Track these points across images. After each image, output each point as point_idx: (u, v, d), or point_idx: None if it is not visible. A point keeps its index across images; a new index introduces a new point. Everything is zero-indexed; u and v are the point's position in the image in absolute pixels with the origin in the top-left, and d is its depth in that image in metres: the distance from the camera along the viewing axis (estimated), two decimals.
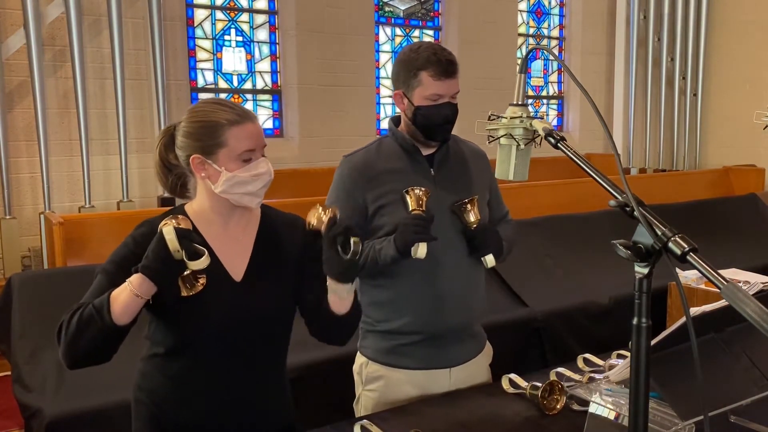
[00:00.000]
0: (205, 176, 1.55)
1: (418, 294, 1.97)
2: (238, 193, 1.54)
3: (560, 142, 1.32)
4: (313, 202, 2.07)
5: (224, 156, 1.52)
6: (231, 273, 1.60)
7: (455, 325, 2.01)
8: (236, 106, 1.58)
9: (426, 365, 2.00)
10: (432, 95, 1.91)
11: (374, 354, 2.04)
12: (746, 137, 7.17)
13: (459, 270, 2.00)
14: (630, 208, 1.08)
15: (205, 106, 1.58)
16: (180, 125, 1.58)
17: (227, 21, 6.01)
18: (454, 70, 1.92)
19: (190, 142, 1.54)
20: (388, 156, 2.00)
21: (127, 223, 1.79)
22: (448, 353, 2.02)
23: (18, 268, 4.69)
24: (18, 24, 4.79)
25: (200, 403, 1.60)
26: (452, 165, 2.05)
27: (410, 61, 1.92)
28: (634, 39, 7.72)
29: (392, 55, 6.95)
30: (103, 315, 1.42)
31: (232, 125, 1.53)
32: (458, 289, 2.00)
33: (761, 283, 3.36)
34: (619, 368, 1.85)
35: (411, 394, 2.00)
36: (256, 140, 1.56)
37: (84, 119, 4.95)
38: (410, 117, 1.96)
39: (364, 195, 1.97)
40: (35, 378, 2.82)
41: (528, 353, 3.71)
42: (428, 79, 1.90)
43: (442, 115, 1.93)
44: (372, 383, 2.04)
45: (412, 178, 1.96)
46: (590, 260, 4.36)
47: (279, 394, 1.72)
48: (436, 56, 1.90)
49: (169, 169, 1.63)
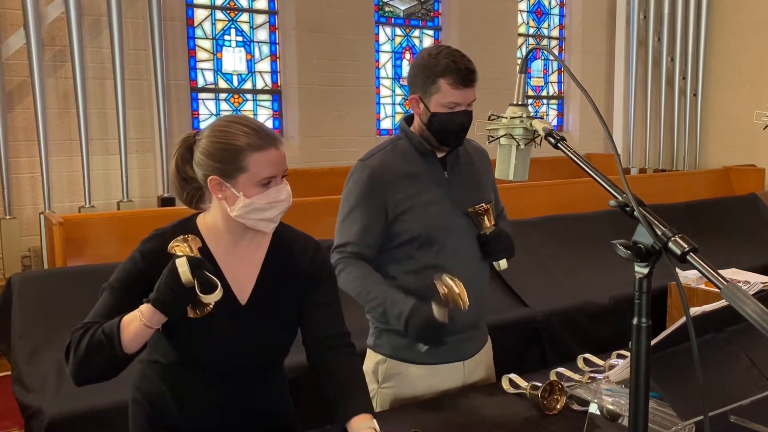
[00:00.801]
0: (222, 198, 1.50)
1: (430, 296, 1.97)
2: (254, 219, 1.50)
3: (560, 142, 1.32)
4: (313, 202, 2.07)
5: (244, 181, 1.47)
6: (237, 295, 1.57)
7: (468, 322, 2.04)
8: (261, 128, 1.51)
9: (442, 359, 2.03)
10: (449, 103, 1.91)
11: (392, 351, 2.04)
12: (746, 137, 7.17)
13: (473, 272, 2.02)
14: (630, 208, 1.08)
15: (229, 126, 1.50)
16: (200, 141, 1.52)
17: (227, 21, 6.01)
18: (473, 79, 1.91)
19: (210, 162, 1.48)
20: (404, 159, 2.00)
21: (127, 223, 1.79)
22: (462, 348, 2.06)
23: (18, 268, 4.69)
24: (18, 24, 4.79)
25: (198, 408, 1.60)
26: (463, 167, 2.07)
27: (429, 67, 1.91)
28: (634, 39, 7.72)
29: (392, 55, 6.95)
30: (114, 345, 1.41)
31: (255, 151, 1.46)
32: (471, 290, 2.00)
33: (761, 283, 3.37)
34: (619, 368, 1.85)
35: (426, 389, 2.03)
36: (278, 167, 1.50)
37: (84, 119, 4.95)
38: (425, 122, 1.96)
39: (384, 199, 1.96)
40: (35, 378, 2.82)
41: (528, 353, 3.71)
42: (446, 86, 1.89)
43: (457, 122, 1.93)
44: (389, 380, 2.05)
45: (427, 182, 1.99)
46: (590, 260, 4.36)
47: (278, 395, 1.73)
48: (456, 64, 1.88)
49: (186, 181, 1.57)
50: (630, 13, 7.73)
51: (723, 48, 7.69)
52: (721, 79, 7.75)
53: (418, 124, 2.01)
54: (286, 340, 1.65)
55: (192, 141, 1.55)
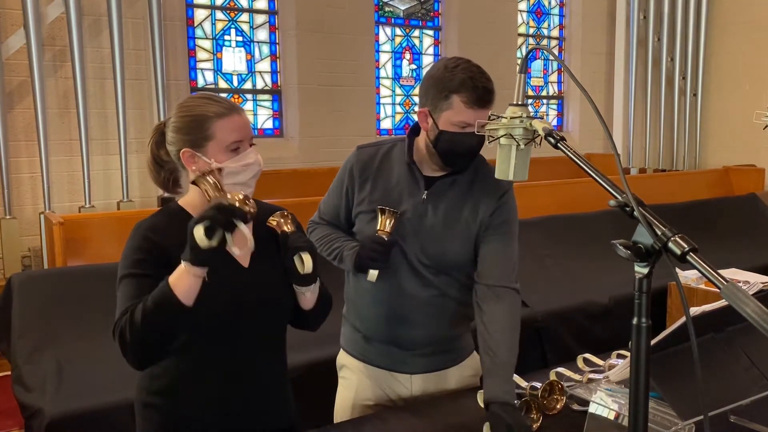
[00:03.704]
0: (196, 169, 1.58)
1: (378, 306, 1.93)
2: (229, 184, 1.56)
3: (560, 142, 1.32)
4: (313, 202, 2.07)
5: (213, 148, 1.56)
6: (239, 259, 1.61)
7: (413, 340, 1.94)
8: (223, 99, 1.62)
9: (387, 367, 1.98)
10: (460, 122, 1.76)
11: (344, 342, 2.07)
12: (746, 137, 7.17)
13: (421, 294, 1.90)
14: (630, 208, 1.08)
15: (192, 100, 1.62)
16: (169, 121, 1.62)
17: (227, 21, 6.01)
18: (490, 100, 1.75)
19: (180, 137, 1.58)
20: (392, 163, 1.92)
21: (127, 223, 1.79)
22: (408, 363, 1.97)
23: (18, 268, 4.69)
24: (18, 24, 4.79)
25: (212, 397, 1.61)
26: (450, 195, 1.89)
27: (443, 81, 1.76)
28: (634, 39, 7.72)
29: (392, 55, 6.95)
30: (172, 301, 1.43)
31: (220, 117, 1.56)
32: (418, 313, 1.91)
33: (761, 283, 3.37)
34: (619, 368, 1.85)
35: (375, 391, 2.00)
36: (244, 131, 1.59)
37: (84, 119, 4.95)
38: (432, 140, 1.81)
39: (353, 193, 1.95)
40: (35, 378, 2.82)
41: (528, 353, 3.70)
42: (460, 104, 1.74)
43: (466, 145, 1.78)
44: (341, 371, 2.07)
45: (401, 194, 1.88)
46: (590, 260, 4.36)
47: (280, 392, 1.73)
48: (473, 81, 1.73)
49: (161, 165, 1.66)
50: (630, 13, 7.73)
51: (723, 48, 7.69)
52: (721, 79, 7.74)
53: (423, 139, 1.87)
54: (288, 298, 1.68)
55: (163, 125, 1.64)
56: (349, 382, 2.04)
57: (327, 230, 2.01)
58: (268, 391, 1.69)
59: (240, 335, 1.61)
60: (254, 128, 6.16)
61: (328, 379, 2.98)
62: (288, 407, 1.75)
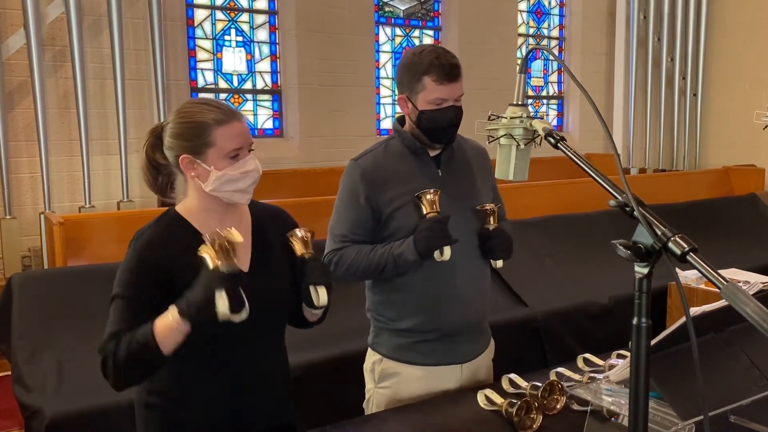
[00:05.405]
0: (195, 175, 1.59)
1: (432, 294, 1.99)
2: (229, 191, 1.58)
3: (560, 142, 1.32)
4: (313, 202, 2.07)
5: (213, 155, 1.56)
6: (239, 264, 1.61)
7: (468, 323, 2.05)
8: (222, 105, 1.61)
9: (439, 361, 2.03)
10: (436, 99, 1.92)
11: (389, 351, 2.05)
12: (746, 137, 7.17)
13: (472, 270, 2.03)
14: (630, 208, 1.08)
15: (192, 106, 1.61)
16: (167, 126, 1.61)
17: (227, 21, 6.01)
18: (458, 74, 1.93)
19: (179, 143, 1.58)
20: (396, 158, 2.01)
21: (127, 223, 1.79)
22: (461, 350, 2.06)
23: (18, 268, 4.69)
24: (18, 24, 4.79)
25: (212, 397, 1.62)
26: (458, 165, 2.06)
27: (413, 66, 1.93)
28: (634, 39, 7.72)
29: (392, 55, 6.95)
30: (154, 352, 1.46)
31: (220, 125, 1.56)
32: (471, 289, 2.03)
33: (761, 283, 3.36)
34: (619, 368, 1.85)
35: (423, 390, 2.02)
36: (243, 138, 1.59)
37: (84, 119, 4.95)
38: (415, 121, 1.97)
39: (375, 199, 1.97)
40: (35, 378, 2.82)
41: (528, 353, 3.71)
42: (431, 83, 1.91)
43: (446, 118, 1.94)
44: (385, 380, 2.05)
45: (420, 180, 1.98)
46: (590, 260, 4.36)
47: (280, 392, 1.73)
48: (439, 60, 1.90)
49: (157, 169, 1.66)
50: (630, 13, 7.73)
51: (723, 48, 7.69)
52: (721, 79, 7.74)
53: (408, 123, 2.02)
54: (288, 301, 1.69)
55: (160, 129, 1.64)
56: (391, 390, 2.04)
57: (356, 248, 1.98)
58: (268, 391, 1.69)
59: (240, 338, 1.60)
60: (254, 128, 6.16)
61: (328, 379, 2.99)
62: (288, 407, 1.75)
